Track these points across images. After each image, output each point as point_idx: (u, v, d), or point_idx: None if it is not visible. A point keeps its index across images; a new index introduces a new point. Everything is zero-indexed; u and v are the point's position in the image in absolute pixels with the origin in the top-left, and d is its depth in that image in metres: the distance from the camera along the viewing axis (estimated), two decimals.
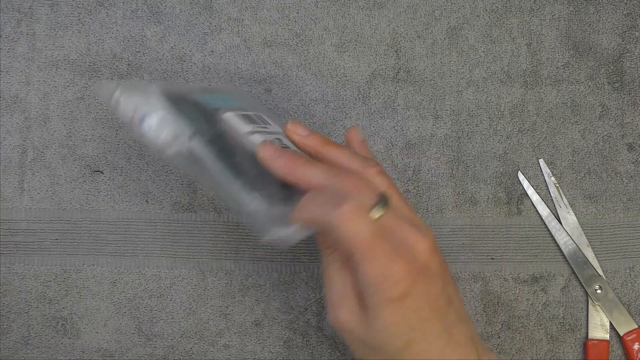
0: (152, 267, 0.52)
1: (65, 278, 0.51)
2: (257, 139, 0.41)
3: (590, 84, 0.54)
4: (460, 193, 0.53)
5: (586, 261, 0.52)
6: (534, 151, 0.53)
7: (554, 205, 0.53)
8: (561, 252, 0.53)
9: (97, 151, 0.52)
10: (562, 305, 0.52)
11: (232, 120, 0.43)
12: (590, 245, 0.53)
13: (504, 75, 0.54)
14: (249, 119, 0.43)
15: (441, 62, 0.54)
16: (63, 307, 0.51)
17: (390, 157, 0.53)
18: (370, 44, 0.54)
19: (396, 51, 0.54)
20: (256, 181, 0.40)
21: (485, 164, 0.53)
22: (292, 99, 0.53)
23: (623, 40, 0.54)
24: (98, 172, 0.52)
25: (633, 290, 0.53)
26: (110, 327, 0.51)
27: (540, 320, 0.52)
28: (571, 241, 0.52)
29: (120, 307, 0.51)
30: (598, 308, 0.52)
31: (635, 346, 0.51)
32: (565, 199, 0.53)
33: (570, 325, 0.52)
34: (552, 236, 0.53)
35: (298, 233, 0.39)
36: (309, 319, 0.51)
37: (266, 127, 0.43)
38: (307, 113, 0.53)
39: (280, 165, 0.39)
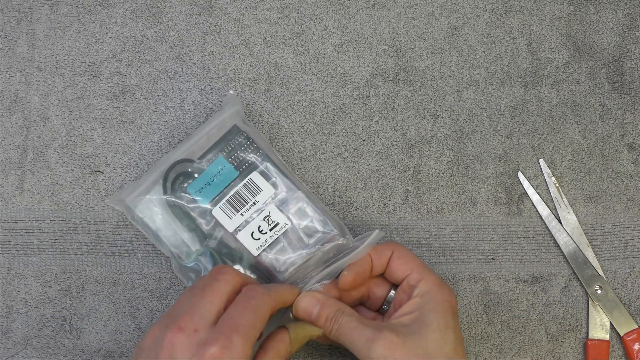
0: (152, 267, 0.52)
1: (65, 278, 0.51)
2: (242, 237, 0.49)
3: (590, 84, 0.54)
4: (460, 193, 0.53)
5: (586, 261, 0.52)
6: (534, 151, 0.53)
7: (554, 205, 0.53)
8: (561, 252, 0.53)
9: (97, 151, 0.52)
10: (562, 306, 0.52)
11: (220, 215, 0.49)
12: (591, 245, 0.53)
13: (504, 75, 0.54)
14: (238, 200, 0.49)
15: (441, 62, 0.54)
16: (63, 307, 0.51)
17: (390, 157, 0.53)
18: (370, 44, 0.54)
19: (396, 51, 0.54)
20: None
21: (485, 164, 0.53)
22: (292, 99, 0.53)
23: (623, 40, 0.54)
24: (98, 172, 0.52)
25: (633, 290, 0.53)
26: (110, 328, 0.51)
27: (540, 321, 0.52)
28: (571, 241, 0.52)
29: (120, 308, 0.51)
30: (598, 308, 0.52)
31: (636, 346, 0.51)
32: (565, 199, 0.53)
33: (570, 325, 0.52)
34: (552, 236, 0.53)
35: None
36: None
37: (254, 203, 0.49)
38: (307, 113, 0.53)
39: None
